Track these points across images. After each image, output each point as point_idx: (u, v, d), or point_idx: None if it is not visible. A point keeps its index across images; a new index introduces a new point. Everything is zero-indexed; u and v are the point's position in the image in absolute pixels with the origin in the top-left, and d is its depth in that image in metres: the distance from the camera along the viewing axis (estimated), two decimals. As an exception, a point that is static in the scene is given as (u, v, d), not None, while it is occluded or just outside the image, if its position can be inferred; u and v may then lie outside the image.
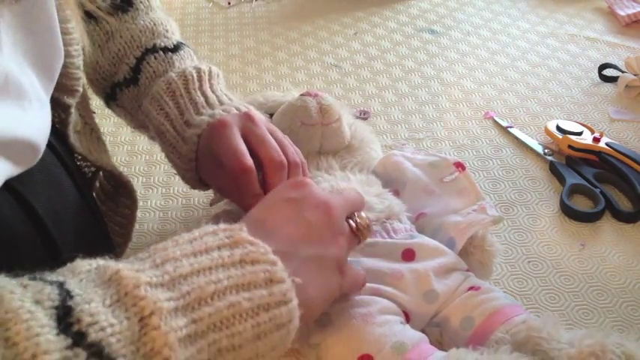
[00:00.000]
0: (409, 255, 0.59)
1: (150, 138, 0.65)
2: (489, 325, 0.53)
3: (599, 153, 0.85)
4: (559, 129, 0.89)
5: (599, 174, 0.83)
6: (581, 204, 0.80)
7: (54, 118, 0.47)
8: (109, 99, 0.64)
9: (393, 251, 0.58)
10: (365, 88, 1.05)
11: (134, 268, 0.35)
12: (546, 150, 0.88)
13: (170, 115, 0.58)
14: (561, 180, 0.83)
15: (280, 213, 0.44)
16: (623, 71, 1.04)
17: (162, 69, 0.61)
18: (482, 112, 0.98)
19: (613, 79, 1.05)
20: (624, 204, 0.80)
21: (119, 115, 0.66)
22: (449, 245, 0.61)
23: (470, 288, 0.57)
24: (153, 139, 0.63)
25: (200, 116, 0.57)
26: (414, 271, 0.57)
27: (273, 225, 0.43)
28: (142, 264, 0.36)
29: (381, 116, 0.98)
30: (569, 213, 0.78)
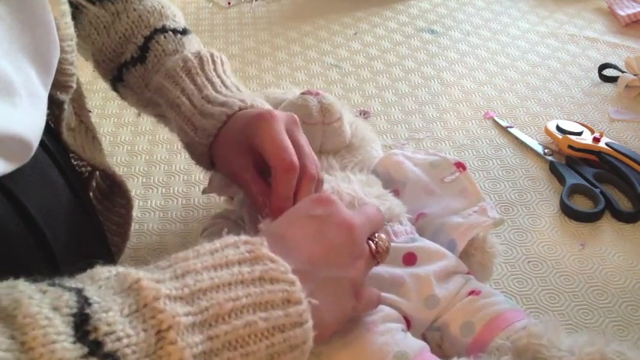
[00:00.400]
0: (410, 259, 0.58)
1: (155, 117, 0.64)
2: (490, 331, 0.53)
3: (599, 153, 0.85)
4: (559, 129, 0.89)
5: (599, 174, 0.83)
6: (581, 204, 0.80)
7: (47, 115, 0.47)
8: (115, 81, 0.64)
9: (394, 255, 0.57)
10: (365, 88, 1.05)
11: (154, 277, 0.35)
12: (546, 150, 0.88)
13: (186, 90, 0.58)
14: (561, 180, 0.83)
15: (303, 230, 0.44)
16: (623, 71, 1.04)
17: (171, 48, 0.61)
18: (482, 112, 0.98)
19: (613, 79, 1.04)
20: (624, 204, 0.80)
21: (124, 98, 0.66)
22: (450, 247, 0.60)
23: (470, 292, 0.57)
24: (159, 117, 0.63)
25: (222, 95, 0.57)
26: (414, 276, 0.57)
27: (294, 242, 0.42)
28: (162, 274, 0.36)
29: (381, 116, 0.98)
30: (569, 213, 0.78)
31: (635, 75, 1.01)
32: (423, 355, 0.50)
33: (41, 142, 0.45)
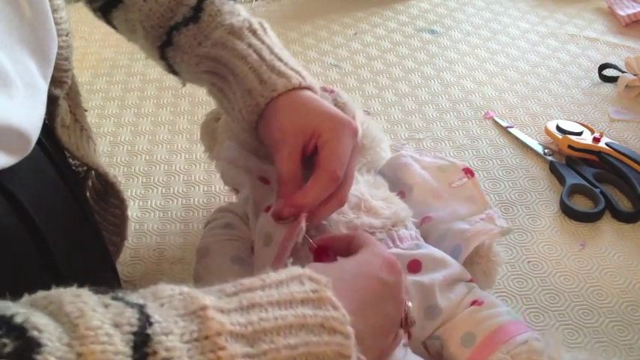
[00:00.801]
0: (415, 266, 0.57)
1: (204, 74, 0.62)
2: (490, 344, 0.52)
3: (599, 153, 0.85)
4: (559, 129, 0.89)
5: (599, 174, 0.83)
6: (581, 204, 0.80)
7: None
8: (164, 47, 0.63)
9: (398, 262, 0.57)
10: (365, 88, 1.05)
11: (220, 306, 0.35)
12: (546, 150, 0.88)
13: (254, 45, 0.58)
14: (561, 180, 0.83)
15: (368, 290, 0.44)
16: (623, 71, 1.04)
17: (227, 9, 0.61)
18: (482, 112, 0.98)
19: (613, 79, 1.05)
20: (624, 204, 0.80)
21: (173, 62, 0.64)
22: (454, 252, 0.60)
23: (473, 302, 0.56)
24: (209, 75, 0.62)
25: (292, 61, 0.58)
26: (418, 285, 0.56)
27: (356, 297, 0.43)
28: (228, 302, 0.36)
29: (381, 116, 0.98)
30: (569, 213, 0.78)
31: (635, 75, 1.01)
32: None
33: (37, 140, 0.45)
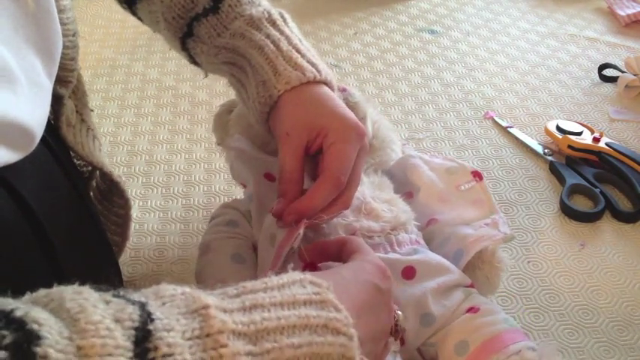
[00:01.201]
0: (409, 273, 0.57)
1: (223, 65, 0.63)
2: (483, 353, 0.52)
3: (599, 153, 0.85)
4: (559, 129, 0.89)
5: (599, 174, 0.83)
6: (581, 204, 0.80)
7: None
8: (185, 38, 0.63)
9: (392, 268, 0.55)
10: (365, 88, 1.05)
11: (223, 306, 0.35)
12: (546, 150, 0.88)
13: (272, 36, 0.58)
14: (561, 180, 0.83)
15: (365, 296, 0.44)
16: (623, 71, 1.04)
17: (246, 0, 0.61)
18: (482, 112, 0.98)
19: (613, 79, 1.05)
20: (624, 204, 0.80)
21: (194, 53, 0.64)
22: (456, 257, 0.59)
23: (469, 309, 0.56)
24: (228, 66, 0.62)
25: (310, 53, 0.58)
26: (410, 293, 0.56)
27: (354, 303, 0.43)
28: (230, 303, 0.36)
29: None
30: (569, 213, 0.78)
31: (635, 75, 1.01)
32: None
33: (42, 138, 0.45)
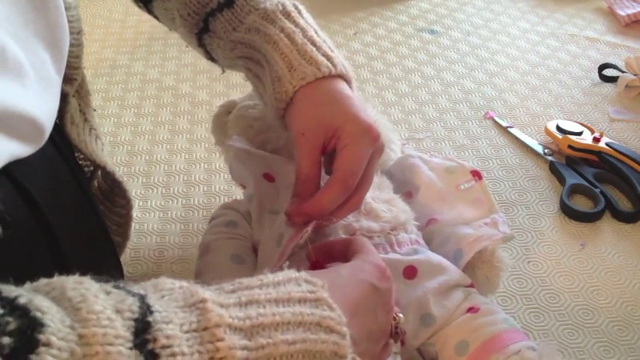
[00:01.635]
0: (410, 272, 0.57)
1: (239, 59, 0.62)
2: (483, 353, 0.52)
3: (599, 153, 0.85)
4: (559, 129, 0.89)
5: (599, 174, 0.83)
6: (581, 204, 0.80)
7: None
8: (201, 33, 0.63)
9: (393, 268, 0.56)
10: (365, 88, 1.05)
11: (220, 301, 0.35)
12: (546, 150, 0.88)
13: (286, 29, 0.57)
14: (561, 180, 0.83)
15: (361, 295, 0.44)
16: (623, 71, 1.04)
17: None
18: (482, 112, 0.98)
19: (613, 79, 1.05)
20: (624, 204, 0.80)
21: (211, 48, 0.64)
22: (455, 257, 0.59)
23: (469, 309, 0.56)
24: (244, 61, 0.61)
25: (325, 45, 0.57)
26: (412, 293, 0.56)
27: (349, 303, 0.43)
28: (227, 298, 0.36)
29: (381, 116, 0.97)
30: (569, 213, 0.78)
31: (635, 75, 1.01)
32: None
33: (49, 135, 0.45)
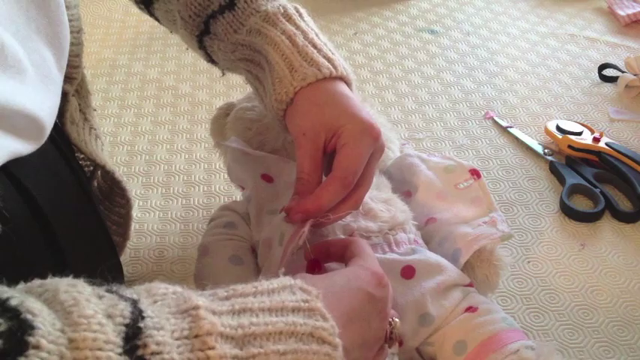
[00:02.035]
0: (408, 272, 0.57)
1: (240, 62, 0.62)
2: (482, 353, 0.52)
3: (599, 153, 0.85)
4: (559, 129, 0.89)
5: (599, 174, 0.83)
6: (581, 204, 0.80)
7: None
8: (201, 36, 0.63)
9: (392, 268, 0.56)
10: (365, 88, 1.05)
11: (212, 308, 0.35)
12: (546, 150, 0.88)
13: (287, 31, 0.57)
14: (561, 180, 0.83)
15: (356, 303, 0.44)
16: (623, 71, 1.04)
17: None
18: (482, 112, 0.98)
19: (613, 79, 1.05)
20: (624, 204, 0.80)
21: (211, 50, 0.64)
22: (454, 256, 0.59)
23: (467, 309, 0.56)
24: (245, 63, 0.61)
25: (326, 47, 0.57)
26: (410, 296, 0.56)
27: (344, 310, 0.43)
28: (220, 305, 0.36)
29: (381, 116, 0.97)
30: (569, 213, 0.78)
31: (635, 75, 1.01)
32: None
33: (49, 134, 0.45)
